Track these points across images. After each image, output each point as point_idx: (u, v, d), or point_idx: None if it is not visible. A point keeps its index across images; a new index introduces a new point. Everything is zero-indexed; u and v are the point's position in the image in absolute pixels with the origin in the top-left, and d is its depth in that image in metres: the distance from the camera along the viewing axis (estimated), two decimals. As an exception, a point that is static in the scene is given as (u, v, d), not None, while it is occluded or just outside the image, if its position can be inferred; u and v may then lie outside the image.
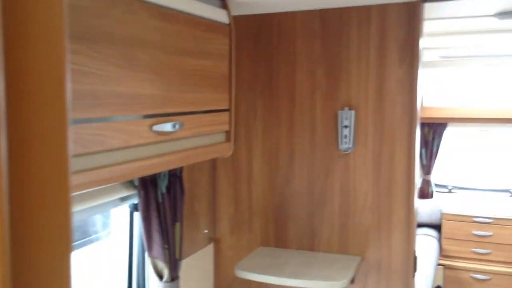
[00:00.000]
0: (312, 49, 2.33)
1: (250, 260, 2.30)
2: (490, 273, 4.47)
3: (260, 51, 2.43)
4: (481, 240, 4.57)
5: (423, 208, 5.01)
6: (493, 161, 10.22)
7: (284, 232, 2.44)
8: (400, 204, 2.22)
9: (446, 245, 4.70)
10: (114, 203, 1.96)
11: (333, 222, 2.35)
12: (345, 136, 2.28)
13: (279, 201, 2.44)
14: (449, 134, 5.29)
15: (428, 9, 2.15)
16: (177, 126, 1.61)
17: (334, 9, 2.28)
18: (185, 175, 2.16)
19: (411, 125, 2.18)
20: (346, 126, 2.28)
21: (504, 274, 4.43)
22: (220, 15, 1.93)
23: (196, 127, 1.80)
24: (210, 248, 2.57)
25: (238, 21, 2.35)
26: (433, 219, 4.93)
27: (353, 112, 2.26)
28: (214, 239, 2.60)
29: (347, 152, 2.31)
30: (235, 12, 2.20)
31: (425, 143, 5.11)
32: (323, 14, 2.30)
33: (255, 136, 2.46)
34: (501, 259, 4.50)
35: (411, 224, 2.20)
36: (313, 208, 2.38)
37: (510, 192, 5.12)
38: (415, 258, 2.22)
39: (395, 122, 2.22)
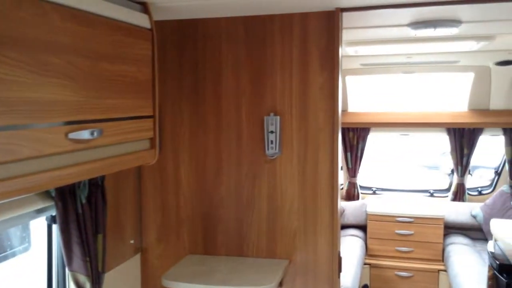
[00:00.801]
0: (237, 55, 2.34)
1: (178, 269, 2.26)
2: (413, 270, 4.71)
3: (185, 56, 2.41)
4: (404, 239, 4.81)
5: (350, 210, 5.19)
6: (414, 163, 10.81)
7: (213, 238, 2.43)
8: (325, 207, 2.29)
9: (372, 244, 4.90)
10: (30, 216, 1.85)
11: (261, 227, 2.37)
12: (271, 142, 2.32)
13: (207, 208, 2.43)
14: (373, 138, 5.52)
15: (347, 18, 2.23)
16: (95, 134, 1.55)
17: (258, 16, 2.31)
18: (108, 184, 2.09)
19: (333, 130, 2.25)
20: (272, 132, 2.31)
21: (425, 271, 4.68)
22: (140, 20, 1.89)
23: (117, 134, 1.75)
24: (136, 258, 2.50)
25: (161, 26, 2.32)
26: (359, 220, 5.12)
27: (278, 118, 2.30)
28: (141, 249, 2.53)
29: (274, 157, 2.34)
30: (158, 17, 2.17)
31: (350, 147, 5.29)
32: (247, 21, 2.33)
33: (182, 142, 2.44)
34: (422, 256, 4.75)
35: (335, 226, 2.27)
36: (241, 214, 2.39)
37: (429, 192, 5.43)
38: (339, 259, 2.29)
39: (318, 127, 2.28)
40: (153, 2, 1.98)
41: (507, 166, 4.94)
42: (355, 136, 5.26)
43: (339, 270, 2.29)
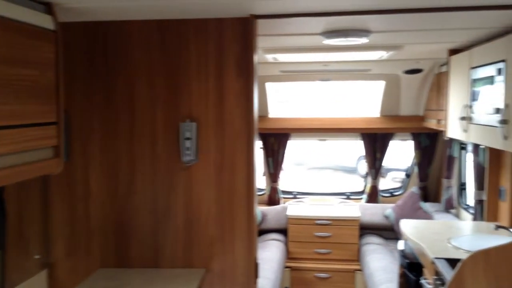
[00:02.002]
0: (151, 60, 2.28)
1: (87, 285, 2.14)
2: (331, 271, 4.85)
3: (95, 60, 2.30)
4: (322, 241, 4.94)
5: (271, 215, 5.25)
6: (331, 166, 11.18)
7: (126, 250, 2.34)
8: (242, 213, 2.28)
9: (292, 248, 4.98)
10: None
11: (177, 236, 2.31)
12: (188, 148, 2.27)
13: (120, 218, 2.33)
14: (293, 144, 5.63)
15: (262, 26, 2.25)
16: (-11, 142, 1.42)
17: (172, 20, 2.27)
18: (9, 196, 1.93)
19: (249, 136, 2.26)
20: (188, 138, 2.27)
21: (342, 271, 4.84)
22: (44, 21, 1.77)
23: (16, 142, 1.62)
24: (43, 274, 2.34)
25: (69, 28, 2.20)
26: (280, 224, 5.19)
27: (194, 124, 2.27)
28: (48, 265, 2.37)
29: (190, 164, 2.30)
30: (64, 18, 2.05)
31: (271, 152, 5.36)
32: (161, 25, 2.27)
33: (92, 151, 2.32)
34: (340, 257, 4.91)
35: (252, 232, 2.27)
36: (156, 224, 2.32)
37: (346, 195, 5.63)
38: (256, 265, 2.29)
39: (235, 133, 2.27)
40: (58, 3, 1.87)
41: (416, 169, 5.25)
42: (276, 142, 5.33)
43: (256, 276, 2.29)
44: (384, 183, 5.63)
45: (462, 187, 4.67)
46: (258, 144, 5.39)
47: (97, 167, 2.33)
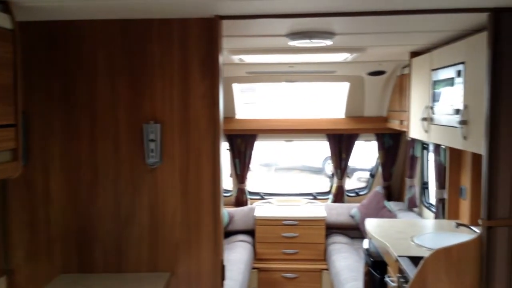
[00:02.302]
0: (114, 60, 2.24)
1: (48, 291, 2.08)
2: (298, 271, 4.88)
3: (56, 60, 2.24)
4: (290, 241, 4.97)
5: (239, 216, 5.24)
6: (298, 167, 11.26)
7: (89, 255, 2.28)
8: (208, 215, 2.26)
9: (260, 248, 4.99)
10: None
11: (141, 240, 2.27)
12: (152, 150, 2.24)
13: (82, 223, 2.27)
14: (260, 145, 5.64)
15: (227, 26, 2.24)
16: None
17: (136, 20, 2.23)
18: (-37, 202, 1.85)
19: (215, 137, 2.24)
20: (152, 140, 2.24)
21: (310, 271, 4.88)
22: (1, 20, 1.71)
23: (-30, 145, 1.56)
24: (2, 281, 2.26)
25: (28, 27, 2.13)
26: (248, 225, 5.19)
27: (159, 125, 2.23)
28: (7, 271, 2.29)
29: (155, 166, 2.26)
30: (22, 17, 1.99)
31: (238, 154, 5.36)
32: (124, 24, 2.23)
33: (52, 154, 2.26)
34: (307, 257, 4.95)
35: (218, 234, 2.25)
36: (120, 227, 2.27)
37: (312, 195, 5.68)
38: (223, 267, 2.28)
39: (200, 135, 2.25)
40: (16, 1, 1.81)
41: (380, 169, 5.35)
42: (243, 143, 5.33)
43: (222, 278, 2.28)
44: (350, 183, 5.72)
45: (424, 186, 4.79)
46: (224, 146, 5.40)
47: (57, 170, 2.26)
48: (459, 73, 2.62)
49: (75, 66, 2.24)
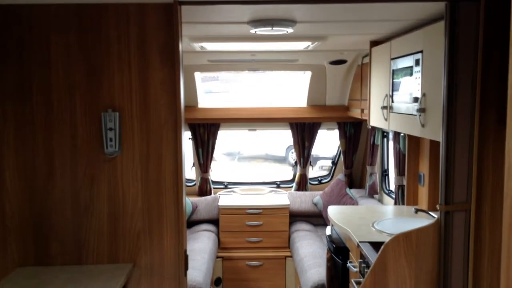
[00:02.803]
0: (70, 46, 2.15)
1: (4, 285, 2.00)
2: (262, 259, 4.92)
3: (7, 46, 2.14)
4: (254, 230, 4.99)
5: (202, 205, 5.22)
6: (262, 156, 11.31)
7: (47, 248, 2.21)
8: (170, 205, 2.23)
9: (224, 237, 4.99)
10: None
11: (101, 231, 2.22)
12: (111, 139, 2.18)
13: (38, 214, 2.20)
14: (223, 134, 5.62)
15: (187, 13, 2.20)
16: None
17: (92, 5, 2.15)
18: None
19: (176, 126, 2.20)
20: (111, 129, 2.18)
21: (274, 258, 4.93)
22: None
23: None
24: (-47, 278, 2.16)
25: (-25, 10, 2.03)
26: (212, 214, 5.18)
27: (117, 114, 2.17)
28: (-41, 267, 2.19)
29: (114, 156, 2.21)
30: (-31, -1, 1.88)
31: (201, 143, 5.32)
32: (80, 9, 2.15)
33: (6, 144, 2.17)
34: (271, 245, 4.99)
35: (181, 224, 2.22)
36: (78, 218, 2.21)
37: (276, 184, 5.71)
38: (186, 257, 2.25)
39: (160, 124, 2.21)
40: (-39, -18, 1.71)
41: (342, 157, 5.43)
42: (206, 132, 5.29)
43: (186, 268, 2.25)
44: (313, 172, 5.78)
45: (384, 173, 4.90)
46: (187, 135, 5.34)
47: (11, 160, 2.17)
48: (417, 62, 2.67)
49: (28, 52, 2.15)
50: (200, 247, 4.43)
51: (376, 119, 3.58)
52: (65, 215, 2.20)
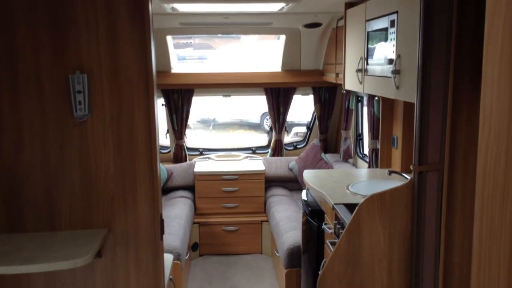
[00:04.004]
0: (33, 5, 2.04)
1: (-27, 254, 1.95)
2: (239, 224, 4.96)
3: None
4: (230, 195, 5.01)
5: (178, 172, 5.19)
6: (237, 122, 11.29)
7: (17, 214, 2.15)
8: (144, 170, 2.18)
9: (200, 204, 5.00)
10: None
11: (74, 196, 2.17)
12: (80, 102, 2.10)
13: (7, 180, 2.13)
14: (198, 100, 5.54)
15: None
16: None
17: None
18: None
19: (148, 88, 2.14)
20: (79, 91, 2.10)
21: (250, 223, 4.97)
22: None
23: None
24: None
25: None
26: (187, 181, 5.16)
27: (85, 75, 2.09)
28: None
29: (83, 119, 2.13)
30: None
31: (175, 109, 5.24)
32: None
33: (-31, 107, 2.07)
34: (247, 210, 5.02)
35: (155, 189, 2.19)
36: (49, 184, 2.15)
37: (251, 149, 5.71)
38: (162, 222, 2.23)
39: (131, 87, 2.14)
40: None
41: (316, 122, 5.44)
42: (180, 98, 5.21)
43: (162, 232, 2.24)
44: (288, 138, 5.79)
45: (358, 137, 4.94)
46: (160, 101, 5.25)
47: (-24, 126, 2.08)
48: (392, 23, 2.65)
49: (-13, 12, 2.02)
50: (176, 213, 4.42)
51: (351, 83, 3.58)
52: (35, 181, 2.14)
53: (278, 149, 5.51)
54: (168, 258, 2.65)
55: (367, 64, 3.11)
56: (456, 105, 2.16)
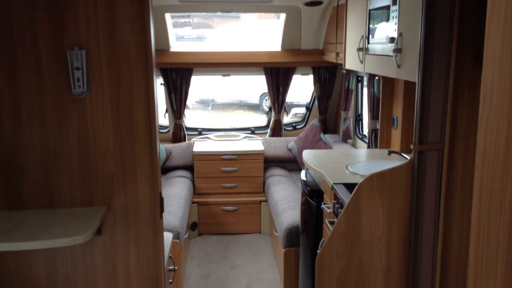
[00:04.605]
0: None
1: (-27, 231, 1.95)
2: (237, 203, 4.98)
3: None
4: (229, 175, 5.01)
5: (177, 152, 5.18)
6: (236, 103, 11.24)
7: (17, 192, 2.15)
8: (143, 148, 2.17)
9: (199, 183, 5.00)
10: None
11: (73, 174, 2.16)
12: (78, 79, 2.08)
13: (6, 158, 2.12)
14: (197, 80, 5.50)
15: None
16: None
17: None
18: None
19: (147, 65, 2.11)
20: (77, 68, 2.07)
21: (249, 203, 4.99)
22: None
23: None
24: None
25: None
26: (186, 161, 5.16)
27: (84, 52, 2.06)
28: None
29: (82, 97, 2.11)
30: None
31: (174, 88, 5.21)
32: None
33: (-34, 84, 2.04)
34: (245, 190, 5.04)
35: (155, 167, 2.18)
36: (49, 161, 2.14)
37: (250, 130, 5.70)
38: (161, 200, 2.23)
39: (131, 63, 2.11)
40: None
41: (316, 102, 5.41)
42: (178, 77, 5.17)
43: (161, 211, 2.24)
44: (287, 119, 5.78)
45: (358, 118, 4.93)
46: (158, 80, 5.21)
47: (-27, 102, 2.06)
48: (394, 1, 2.61)
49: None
50: (175, 193, 4.43)
51: (351, 62, 3.55)
52: (34, 157, 2.13)
53: (277, 129, 5.50)
54: (167, 237, 2.66)
55: (368, 43, 3.07)
56: (458, 84, 2.14)
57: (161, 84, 5.22)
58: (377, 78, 3.73)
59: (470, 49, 2.10)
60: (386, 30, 2.72)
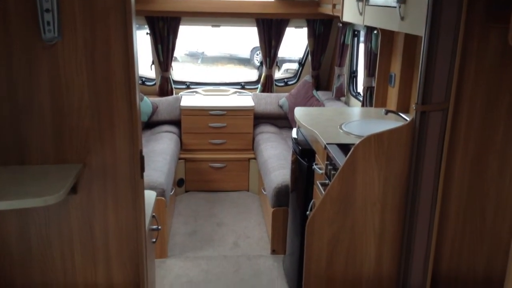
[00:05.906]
0: None
1: None
2: (225, 160, 4.83)
3: None
4: (217, 131, 4.85)
5: (163, 106, 4.98)
6: (226, 56, 10.92)
7: (-18, 147, 1.97)
8: (122, 102, 1.98)
9: (186, 139, 4.84)
10: None
11: (45, 128, 1.97)
12: (48, 23, 1.86)
13: (-31, 110, 1.92)
14: (185, 30, 5.22)
15: None
16: None
17: None
18: None
19: (126, 11, 1.89)
20: (47, 10, 1.84)
21: (237, 160, 4.85)
22: None
23: None
24: None
25: None
26: (173, 116, 4.98)
27: (54, -8, 1.83)
28: None
29: (53, 43, 1.90)
30: None
31: (161, 39, 4.94)
32: None
33: None
34: (234, 147, 4.89)
35: (134, 123, 2.00)
36: (17, 114, 1.95)
37: (240, 85, 5.49)
38: (142, 158, 2.07)
39: (106, 7, 1.89)
40: None
41: (309, 57, 5.19)
42: (165, 27, 4.89)
43: (142, 170, 2.08)
44: (279, 75, 5.56)
45: (353, 75, 4.74)
46: (145, 29, 4.93)
47: None
48: None
49: None
50: (162, 148, 4.27)
51: (349, 14, 3.32)
52: (2, 110, 1.93)
53: (268, 85, 5.29)
54: (150, 196, 2.52)
55: (369, -7, 2.85)
56: (467, 41, 1.97)
57: (147, 33, 4.95)
58: (375, 32, 3.52)
59: (482, 4, 1.92)
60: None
